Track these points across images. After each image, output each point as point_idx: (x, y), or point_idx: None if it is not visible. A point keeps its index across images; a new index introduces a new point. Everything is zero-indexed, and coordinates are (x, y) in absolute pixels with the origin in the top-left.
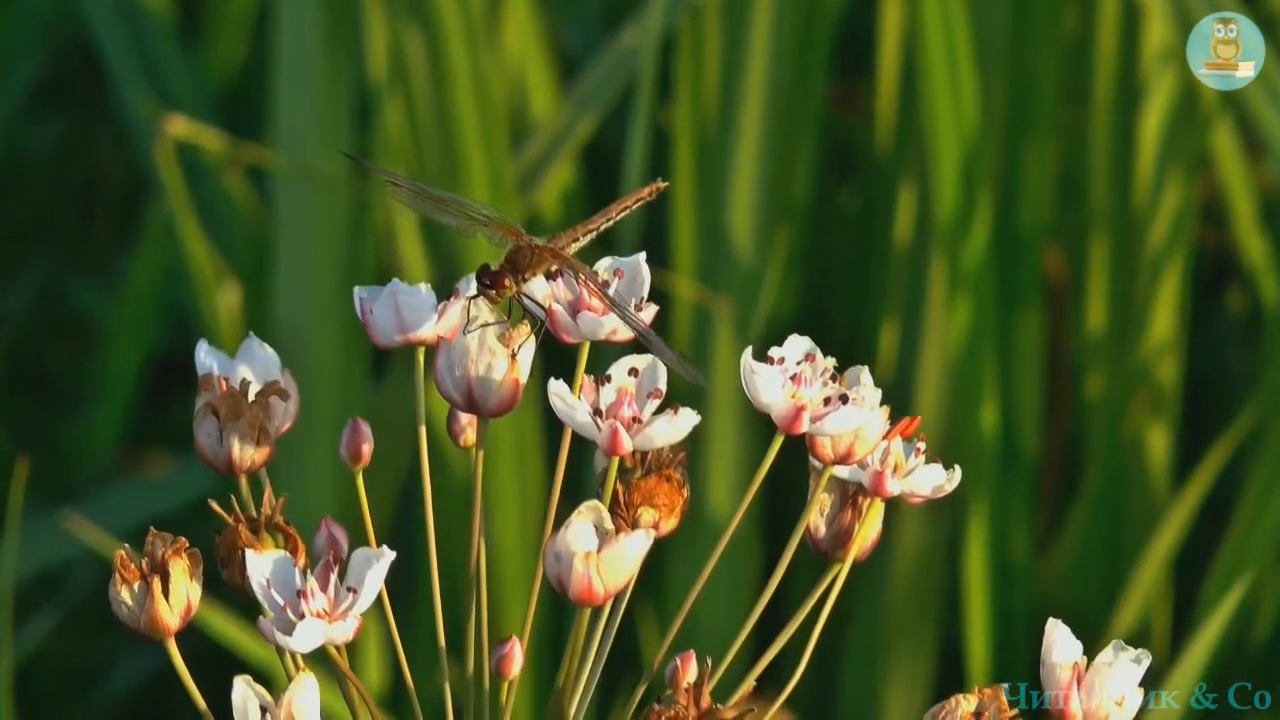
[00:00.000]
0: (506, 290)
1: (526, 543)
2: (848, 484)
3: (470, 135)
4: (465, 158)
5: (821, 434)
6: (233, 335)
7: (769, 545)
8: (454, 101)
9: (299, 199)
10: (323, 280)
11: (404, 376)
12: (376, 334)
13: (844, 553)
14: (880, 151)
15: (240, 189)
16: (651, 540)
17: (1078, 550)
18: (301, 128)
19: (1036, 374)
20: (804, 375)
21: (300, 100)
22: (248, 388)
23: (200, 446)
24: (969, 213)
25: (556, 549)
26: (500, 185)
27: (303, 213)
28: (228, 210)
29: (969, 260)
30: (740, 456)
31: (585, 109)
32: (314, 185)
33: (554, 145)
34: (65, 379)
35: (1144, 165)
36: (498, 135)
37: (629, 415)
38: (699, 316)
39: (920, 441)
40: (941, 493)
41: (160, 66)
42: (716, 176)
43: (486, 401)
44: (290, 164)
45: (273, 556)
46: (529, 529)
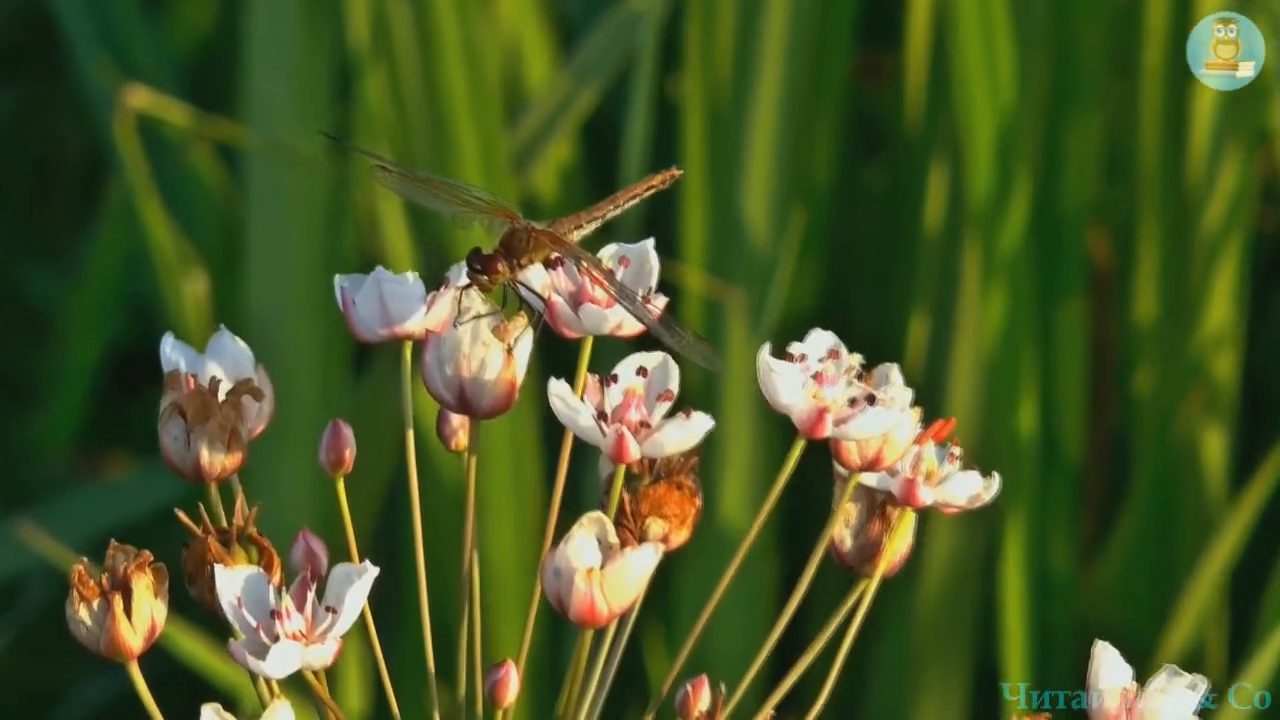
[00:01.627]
0: (499, 276)
1: (523, 557)
2: (875, 493)
3: (460, 109)
4: (455, 133)
5: (847, 438)
6: (200, 327)
7: (787, 558)
8: (442, 72)
9: (273, 178)
10: (299, 268)
11: (388, 373)
12: (359, 327)
13: (872, 567)
14: (909, 126)
15: (208, 167)
16: (660, 554)
17: (1125, 563)
18: (276, 100)
19: (1079, 370)
20: (827, 374)
21: (274, 70)
22: (218, 386)
23: (166, 450)
24: (1006, 193)
25: (556, 564)
26: (493, 163)
27: (277, 193)
28: (194, 190)
29: (1005, 245)
30: (755, 462)
31: (585, 80)
32: (289, 163)
33: (551, 120)
34: (17, 373)
35: (1198, 140)
36: (490, 109)
37: (637, 419)
38: (709, 309)
39: (955, 446)
40: (978, 502)
41: (121, 32)
42: (729, 154)
43: (480, 401)
44: (263, 140)
45: (245, 572)
46: (525, 541)
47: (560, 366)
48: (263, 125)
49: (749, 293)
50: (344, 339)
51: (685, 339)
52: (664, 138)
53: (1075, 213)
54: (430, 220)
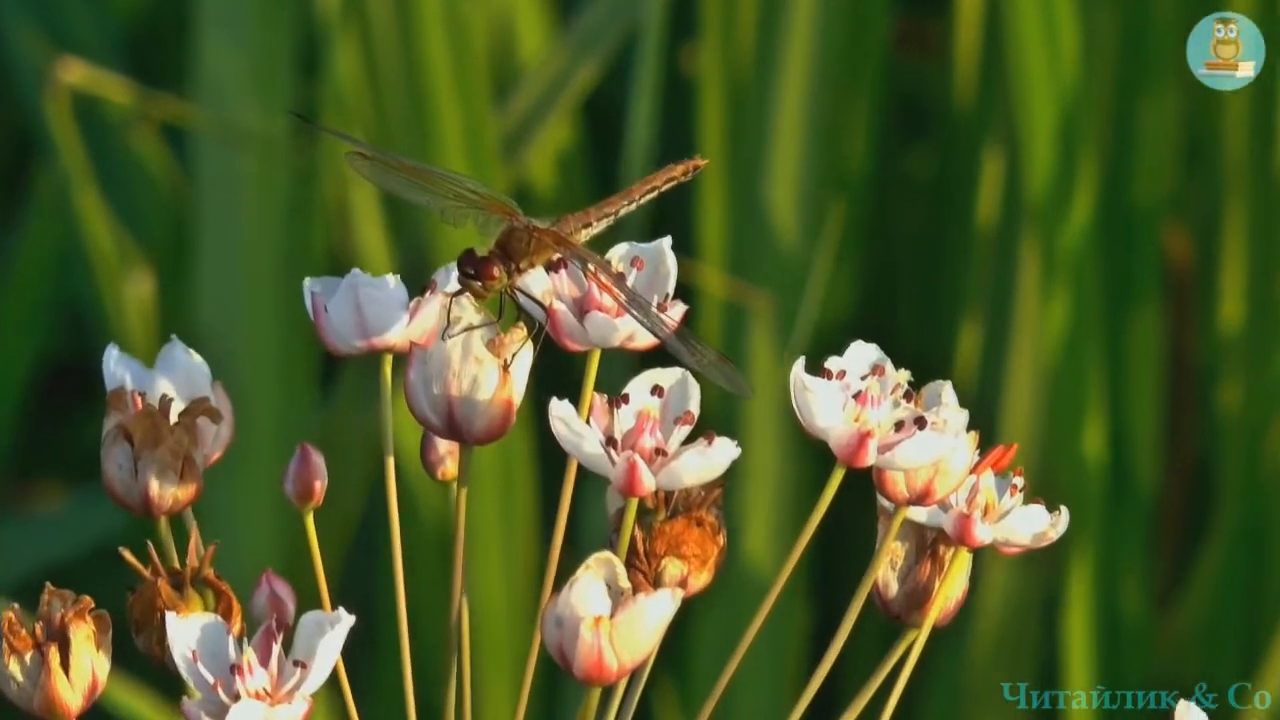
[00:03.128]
0: (495, 282)
1: (513, 602)
2: (926, 530)
3: (442, 85)
4: (436, 113)
5: (893, 467)
6: (143, 336)
7: (818, 602)
8: (422, 43)
9: (227, 165)
10: (258, 269)
11: (358, 390)
12: (332, 338)
13: (921, 616)
14: (958, 105)
15: (153, 152)
16: (679, 601)
17: (1207, 606)
18: (230, 75)
19: (1154, 385)
20: (870, 393)
21: (229, 40)
22: (169, 406)
23: (109, 480)
24: (1069, 183)
25: (559, 612)
26: (479, 147)
27: (232, 182)
28: (137, 179)
29: (1069, 243)
30: (782, 493)
31: (586, 52)
32: (246, 147)
33: (547, 97)
34: None
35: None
36: (477, 85)
37: (651, 445)
38: (730, 316)
39: (1017, 475)
40: (1044, 541)
41: None
42: (752, 137)
43: (471, 425)
44: (216, 121)
45: (200, 620)
46: (516, 585)
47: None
48: (215, 104)
49: (776, 298)
50: (309, 351)
51: (706, 357)
52: (676, 118)
53: (1149, 205)
54: (411, 215)
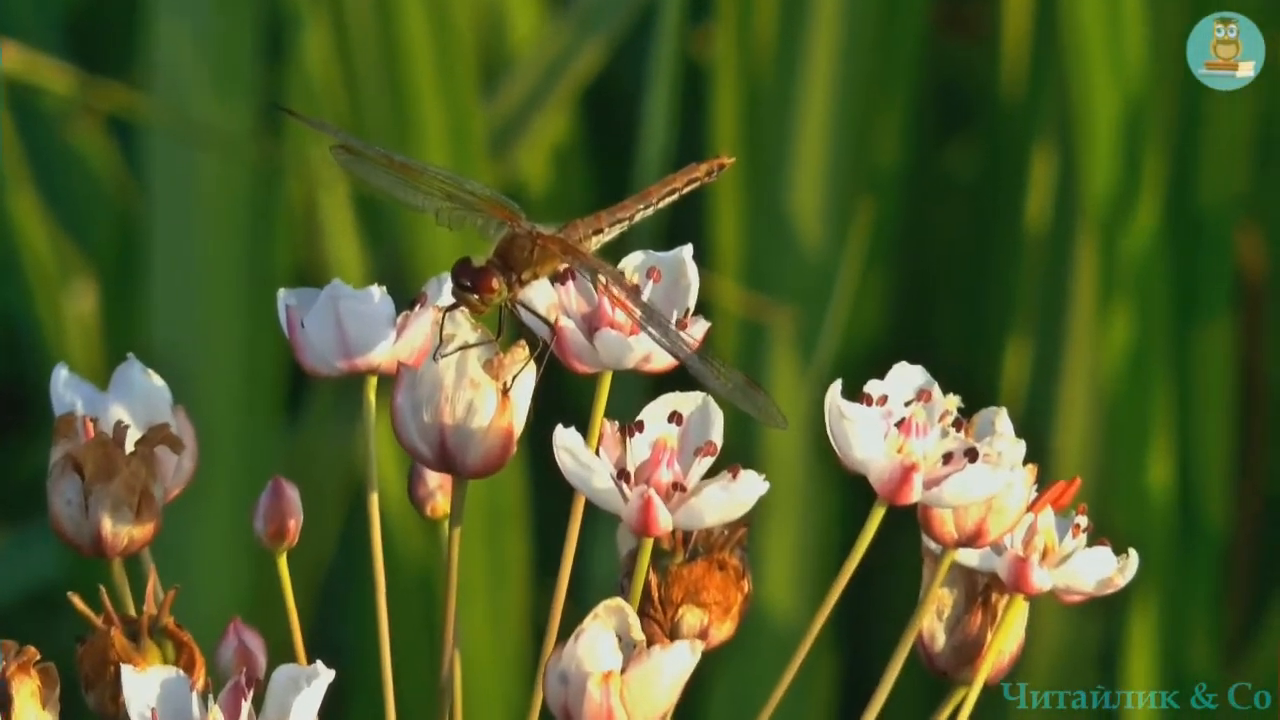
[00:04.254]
0: (494, 295)
1: (502, 655)
2: (977, 575)
3: (424, 73)
4: (416, 104)
5: (941, 504)
6: (86, 355)
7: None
8: (401, 25)
9: (182, 163)
10: (216, 280)
11: (329, 415)
12: (310, 357)
13: (971, 672)
14: (1005, 95)
15: (98, 148)
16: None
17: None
18: (185, 63)
19: (1224, 410)
20: (915, 420)
21: (183, 24)
22: (125, 434)
23: (56, 516)
24: (1134, 181)
25: (564, 667)
26: (465, 142)
27: (187, 183)
28: (80, 178)
29: (1134, 249)
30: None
31: (587, 33)
32: (203, 144)
33: (542, 86)
34: None
35: None
36: (462, 71)
37: (669, 480)
38: (748, 334)
39: (1080, 514)
40: (1109, 588)
41: None
42: (773, 132)
43: (465, 456)
44: (169, 114)
45: (160, 675)
46: (505, 635)
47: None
48: (169, 94)
49: (799, 313)
50: (273, 371)
51: (733, 381)
52: (687, 111)
53: (1219, 206)
54: (388, 220)
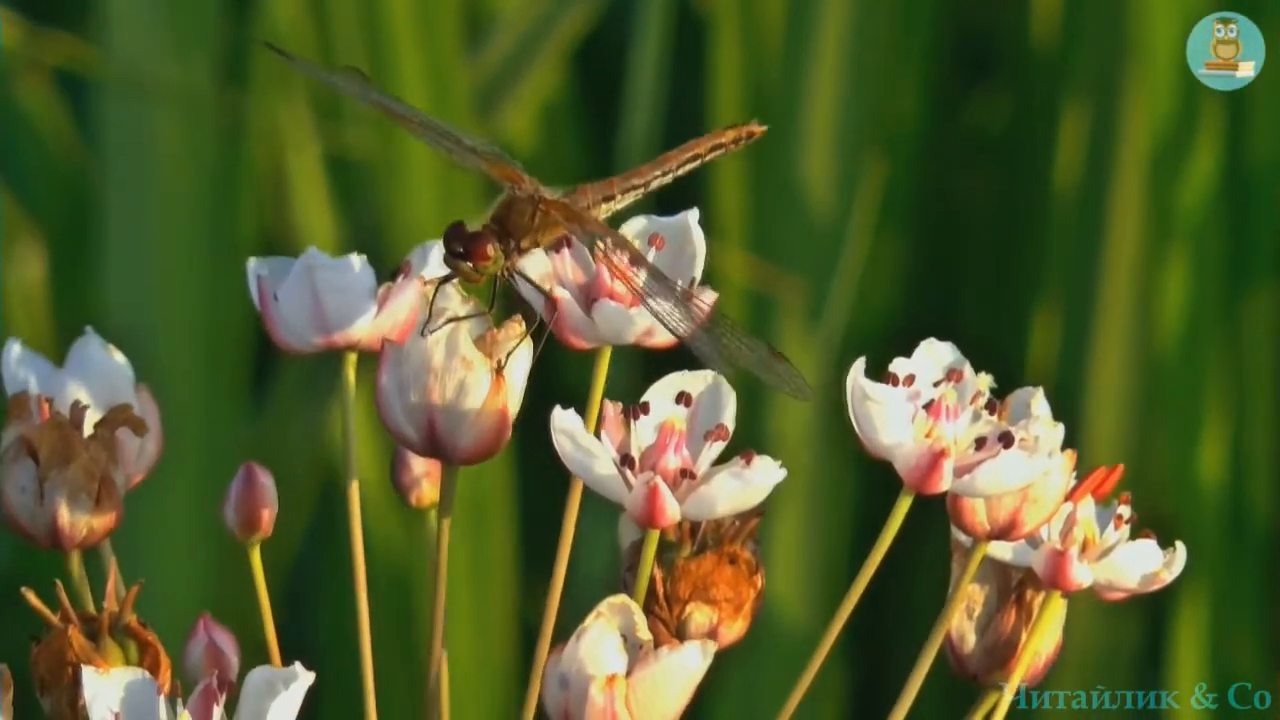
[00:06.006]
0: (489, 264)
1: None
2: (1010, 570)
3: (402, 26)
4: (395, 60)
5: (972, 493)
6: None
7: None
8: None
9: (138, 122)
10: (176, 247)
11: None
12: (284, 332)
13: (1003, 675)
14: (1036, 41)
15: (45, 105)
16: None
17: None
18: (142, 13)
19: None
20: (946, 402)
21: None
22: (83, 415)
23: (8, 504)
24: (1191, 124)
25: (564, 670)
26: (448, 101)
27: (144, 144)
28: (25, 138)
29: (1182, 211)
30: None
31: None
32: (162, 102)
33: (530, 41)
34: None
35: None
36: (444, 25)
37: (676, 466)
38: (755, 305)
39: (1122, 504)
40: (1154, 584)
41: None
42: (780, 90)
43: (456, 440)
44: (124, 69)
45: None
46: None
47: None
48: (124, 47)
49: (809, 284)
50: (237, 347)
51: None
52: (685, 66)
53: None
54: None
